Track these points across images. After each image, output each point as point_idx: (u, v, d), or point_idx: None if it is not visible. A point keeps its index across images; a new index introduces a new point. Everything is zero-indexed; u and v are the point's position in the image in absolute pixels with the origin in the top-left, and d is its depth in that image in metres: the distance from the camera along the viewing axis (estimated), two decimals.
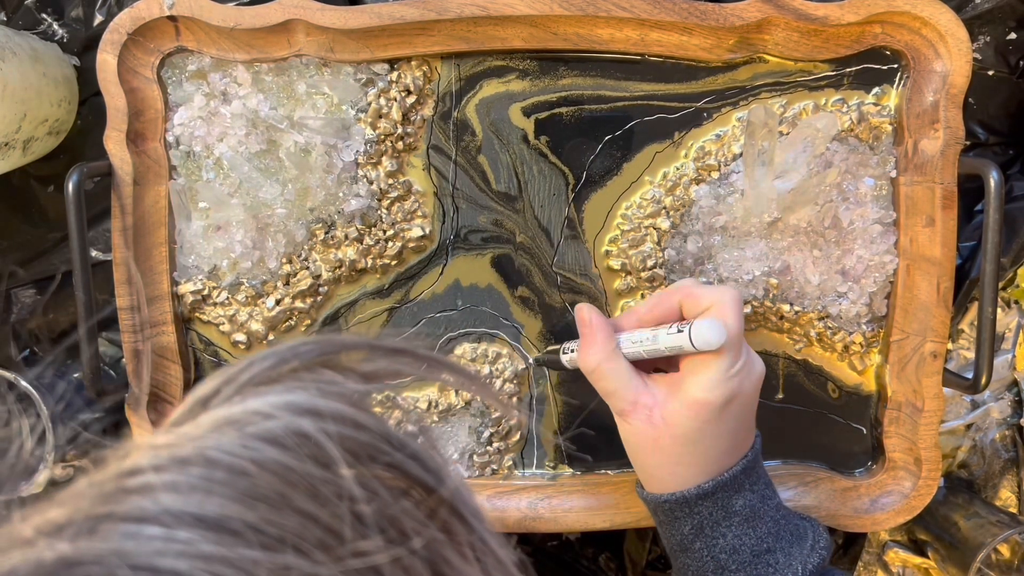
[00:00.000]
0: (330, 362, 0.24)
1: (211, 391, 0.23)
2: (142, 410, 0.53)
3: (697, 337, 0.43)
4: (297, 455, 0.20)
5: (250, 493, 0.20)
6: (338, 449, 0.21)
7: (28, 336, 0.59)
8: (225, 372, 0.23)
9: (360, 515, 0.20)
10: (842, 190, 0.53)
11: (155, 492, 0.19)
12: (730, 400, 0.44)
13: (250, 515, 0.19)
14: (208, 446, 0.20)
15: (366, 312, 0.56)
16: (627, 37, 0.52)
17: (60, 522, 0.19)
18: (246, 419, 0.21)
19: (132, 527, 0.19)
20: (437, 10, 0.50)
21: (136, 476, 0.20)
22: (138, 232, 0.53)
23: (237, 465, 0.20)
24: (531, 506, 0.55)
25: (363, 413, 0.22)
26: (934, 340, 0.52)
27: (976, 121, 0.57)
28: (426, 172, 0.54)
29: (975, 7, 0.55)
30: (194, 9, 0.50)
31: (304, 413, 0.21)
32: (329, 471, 0.21)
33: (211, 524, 0.19)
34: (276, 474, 0.20)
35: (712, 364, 0.44)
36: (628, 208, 0.55)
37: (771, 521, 0.46)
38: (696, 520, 0.45)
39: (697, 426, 0.44)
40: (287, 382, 0.23)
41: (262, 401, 0.22)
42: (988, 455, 0.59)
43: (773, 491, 0.47)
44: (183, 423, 0.22)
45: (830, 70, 0.53)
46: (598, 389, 0.47)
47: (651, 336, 0.45)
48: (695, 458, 0.45)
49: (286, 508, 0.20)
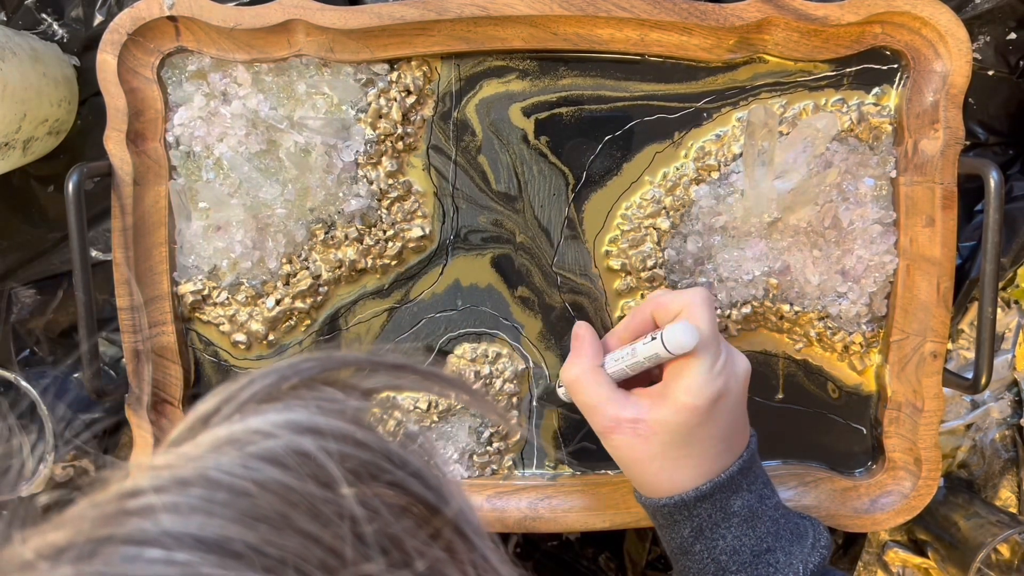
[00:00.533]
0: (331, 379, 0.24)
1: (211, 409, 0.23)
2: (142, 410, 0.53)
3: (670, 341, 0.43)
4: (298, 475, 0.20)
5: (251, 514, 0.19)
6: (339, 468, 0.21)
7: (28, 336, 0.59)
8: (225, 389, 0.23)
9: (362, 535, 0.20)
10: (842, 190, 0.53)
11: (155, 514, 0.19)
12: (717, 399, 0.44)
13: (251, 536, 0.19)
14: (209, 466, 0.20)
15: (366, 312, 0.56)
16: (627, 37, 0.52)
17: (61, 545, 0.19)
18: (246, 438, 0.21)
19: (133, 550, 0.19)
20: (437, 10, 0.50)
21: (137, 497, 0.20)
22: (138, 232, 0.53)
23: (238, 486, 0.20)
24: (531, 506, 0.55)
25: (364, 431, 0.22)
26: (934, 340, 0.52)
27: (976, 121, 0.57)
28: (426, 172, 0.54)
29: (975, 7, 0.55)
30: (194, 9, 0.50)
31: (305, 431, 0.21)
32: (330, 491, 0.20)
33: (212, 546, 0.19)
34: (277, 494, 0.20)
35: (693, 366, 0.44)
36: (628, 208, 0.55)
37: (770, 520, 0.46)
38: (695, 522, 0.45)
39: (688, 429, 0.44)
40: (287, 400, 0.23)
41: (262, 420, 0.22)
42: (988, 455, 0.59)
43: (772, 490, 0.47)
44: (183, 442, 0.22)
45: (830, 70, 0.53)
46: (579, 405, 0.47)
47: (629, 351, 0.46)
48: (690, 460, 0.45)
49: (287, 529, 0.20)
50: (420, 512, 0.22)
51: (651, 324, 0.47)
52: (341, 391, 0.24)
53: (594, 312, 0.55)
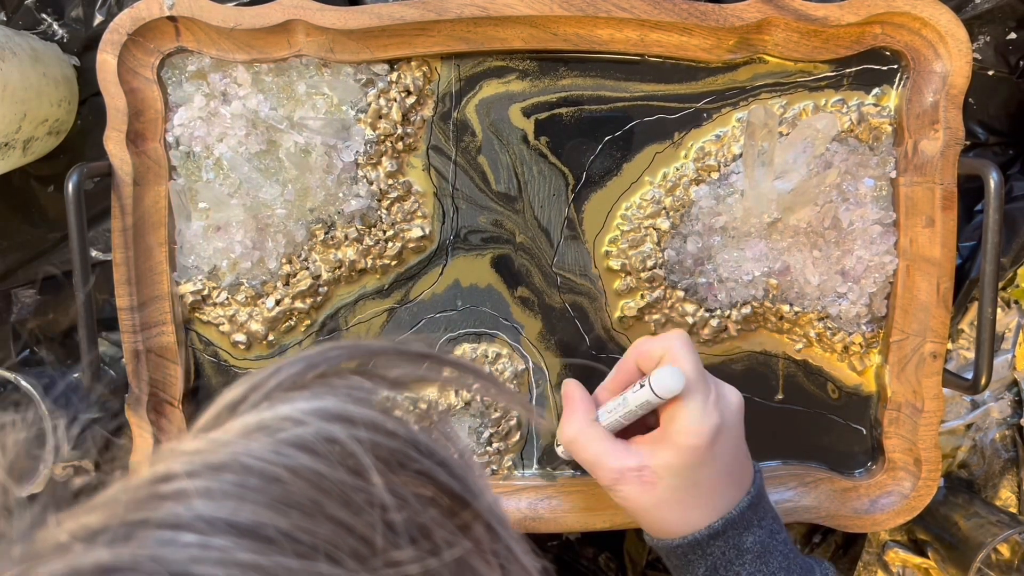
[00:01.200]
0: (358, 368, 0.24)
1: (239, 397, 0.23)
2: (142, 410, 0.53)
3: (658, 387, 0.44)
4: (329, 462, 0.20)
5: (283, 500, 0.20)
6: (369, 456, 0.21)
7: (28, 336, 0.59)
8: (252, 378, 0.23)
9: (391, 524, 0.20)
10: (842, 191, 0.53)
11: (189, 498, 0.19)
12: (716, 435, 0.44)
13: (283, 522, 0.19)
14: (240, 452, 0.20)
15: (366, 312, 0.56)
16: (627, 38, 0.52)
17: (96, 528, 0.19)
18: (277, 425, 0.21)
19: (168, 534, 0.19)
20: (437, 11, 0.50)
21: (170, 482, 0.20)
22: (138, 232, 0.53)
23: (269, 471, 0.20)
24: (531, 506, 0.55)
25: (392, 419, 0.22)
26: (934, 340, 0.52)
27: (976, 121, 0.57)
28: (426, 172, 0.54)
29: (975, 7, 0.55)
30: (194, 9, 0.50)
31: (335, 419, 0.21)
32: (361, 479, 0.21)
33: (245, 531, 0.19)
34: (309, 481, 0.20)
35: (686, 407, 0.44)
36: (628, 208, 0.55)
37: (781, 556, 0.46)
38: (709, 561, 0.45)
39: (692, 469, 0.44)
40: (315, 388, 0.23)
41: (292, 407, 0.22)
42: (988, 455, 0.59)
43: (780, 525, 0.47)
44: (211, 429, 0.22)
45: (830, 71, 0.53)
46: (581, 462, 0.48)
47: (620, 401, 0.47)
48: (699, 500, 0.45)
49: (319, 516, 0.20)
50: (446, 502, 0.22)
51: (636, 373, 0.48)
52: (368, 380, 0.24)
53: (594, 312, 0.55)
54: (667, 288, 0.55)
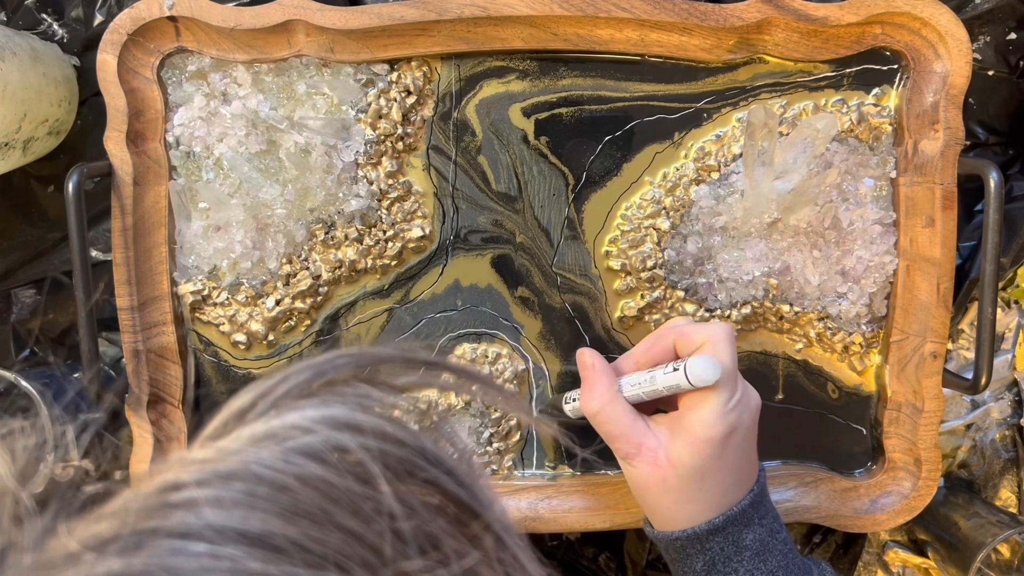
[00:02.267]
0: (365, 375, 0.24)
1: (246, 405, 0.23)
2: (142, 410, 0.53)
3: (693, 374, 0.43)
4: (338, 471, 0.20)
5: (292, 509, 0.20)
6: (378, 465, 0.21)
7: (28, 336, 0.59)
8: (259, 386, 0.23)
9: (400, 533, 0.20)
10: (842, 191, 0.53)
11: (199, 507, 0.19)
12: (731, 433, 0.44)
13: (293, 531, 0.19)
14: (250, 461, 0.20)
15: (366, 312, 0.56)
16: (627, 38, 0.52)
17: (106, 537, 0.19)
18: (285, 433, 0.21)
19: (178, 543, 0.19)
20: (437, 11, 0.50)
21: (180, 491, 0.20)
22: (138, 232, 0.53)
23: (279, 480, 0.20)
24: (531, 506, 0.55)
25: (400, 428, 0.22)
26: (934, 340, 0.52)
27: (976, 121, 0.57)
28: (426, 172, 0.54)
29: (975, 7, 0.55)
30: (194, 9, 0.50)
31: (343, 428, 0.21)
32: (369, 487, 0.21)
33: (255, 540, 0.19)
34: (318, 490, 0.20)
35: (711, 400, 0.44)
36: (628, 208, 0.55)
37: (780, 555, 0.46)
38: (708, 556, 0.45)
39: (702, 463, 0.44)
40: (323, 396, 0.23)
41: (300, 415, 0.22)
42: (988, 455, 0.59)
43: (781, 524, 0.47)
44: (219, 437, 0.22)
45: (830, 71, 0.53)
46: (602, 434, 0.47)
47: (648, 378, 0.46)
48: (703, 494, 0.45)
49: (328, 525, 0.20)
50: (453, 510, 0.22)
51: (672, 353, 0.47)
52: (375, 388, 0.24)
53: (594, 312, 0.55)
54: (667, 288, 0.55)
